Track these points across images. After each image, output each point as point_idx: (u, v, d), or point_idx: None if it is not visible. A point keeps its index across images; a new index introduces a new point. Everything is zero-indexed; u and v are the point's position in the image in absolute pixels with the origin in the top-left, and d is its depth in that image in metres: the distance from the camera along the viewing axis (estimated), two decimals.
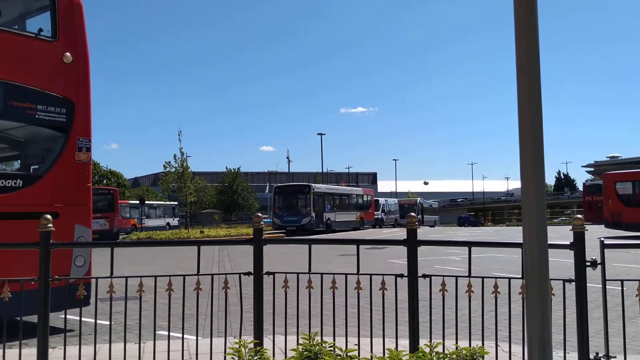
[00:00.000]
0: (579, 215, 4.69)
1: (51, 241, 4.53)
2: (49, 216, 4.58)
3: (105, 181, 69.56)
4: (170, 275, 4.76)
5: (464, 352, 3.82)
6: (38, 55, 7.67)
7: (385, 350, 4.05)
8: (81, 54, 8.02)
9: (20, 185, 7.39)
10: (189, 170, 39.69)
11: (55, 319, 6.10)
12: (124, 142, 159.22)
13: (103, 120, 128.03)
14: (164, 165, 39.57)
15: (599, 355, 4.41)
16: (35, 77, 7.59)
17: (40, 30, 7.74)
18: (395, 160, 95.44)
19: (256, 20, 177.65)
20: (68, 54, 7.81)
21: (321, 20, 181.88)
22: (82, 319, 4.89)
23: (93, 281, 6.18)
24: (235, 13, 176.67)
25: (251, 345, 4.07)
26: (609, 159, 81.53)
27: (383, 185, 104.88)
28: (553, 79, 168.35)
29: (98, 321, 4.93)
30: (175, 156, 38.70)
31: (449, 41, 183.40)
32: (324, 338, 4.35)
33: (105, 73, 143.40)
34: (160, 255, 19.71)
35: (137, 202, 45.54)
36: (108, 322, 4.98)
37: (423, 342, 4.30)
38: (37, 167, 8.41)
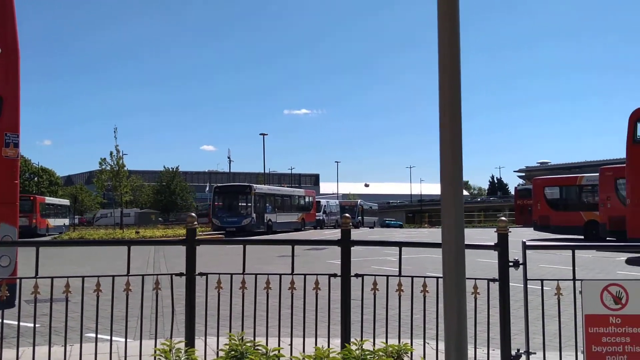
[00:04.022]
0: (503, 218, 4.89)
1: None
2: None
3: (36, 178, 66.80)
4: (98, 276, 4.64)
5: (390, 349, 3.92)
6: None
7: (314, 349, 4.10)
8: (11, 47, 7.71)
9: None
10: (125, 168, 38.75)
11: None
12: (59, 139, 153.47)
13: (37, 117, 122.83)
14: (100, 163, 38.51)
15: (520, 351, 4.62)
16: None
17: None
18: (338, 162, 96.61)
19: (201, 15, 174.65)
20: None
21: (269, 21, 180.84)
22: (5, 321, 4.69)
23: (18, 281, 5.94)
24: (179, 7, 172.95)
25: (180, 346, 4.03)
26: (539, 164, 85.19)
27: (325, 187, 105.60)
28: (493, 83, 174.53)
29: (22, 323, 4.75)
30: (111, 154, 37.73)
31: (392, 52, 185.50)
32: (258, 338, 4.35)
33: (40, 70, 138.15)
34: (94, 256, 19.12)
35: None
36: (32, 325, 4.81)
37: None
38: None
